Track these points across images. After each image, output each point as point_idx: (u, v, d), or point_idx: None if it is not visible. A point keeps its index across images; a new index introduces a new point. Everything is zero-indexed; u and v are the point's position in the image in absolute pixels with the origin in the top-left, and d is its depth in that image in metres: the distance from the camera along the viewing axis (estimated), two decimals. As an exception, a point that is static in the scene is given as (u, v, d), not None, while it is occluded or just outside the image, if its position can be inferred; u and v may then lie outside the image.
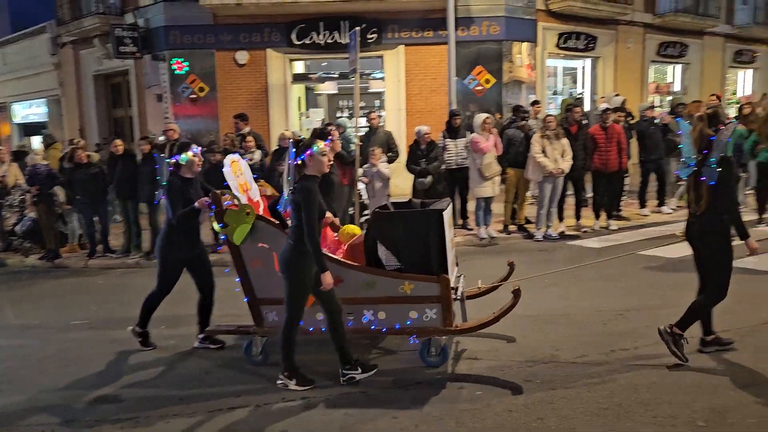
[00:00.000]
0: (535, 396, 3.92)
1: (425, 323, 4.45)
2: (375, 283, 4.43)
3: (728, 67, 19.76)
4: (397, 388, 4.18)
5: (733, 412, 3.55)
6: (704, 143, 4.28)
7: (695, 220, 4.39)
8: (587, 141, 9.00)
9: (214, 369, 4.70)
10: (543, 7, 14.43)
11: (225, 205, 4.56)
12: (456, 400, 3.95)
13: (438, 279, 4.37)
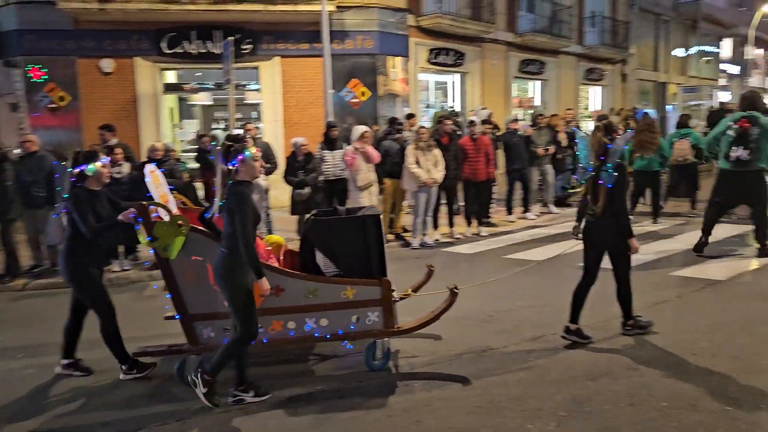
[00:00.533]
0: (416, 398, 4.07)
1: (367, 326, 4.49)
2: (317, 290, 4.42)
3: (581, 84, 21.57)
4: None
5: (591, 400, 3.90)
6: (601, 150, 4.77)
7: (595, 221, 4.86)
8: (458, 152, 9.47)
9: (149, 392, 4.41)
10: (414, 23, 15.00)
11: (153, 217, 4.27)
12: (334, 409, 4.00)
13: (380, 282, 4.46)
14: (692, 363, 4.39)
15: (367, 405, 4.02)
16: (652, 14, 25.39)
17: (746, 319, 5.26)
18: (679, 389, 3.97)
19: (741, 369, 4.23)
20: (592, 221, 4.89)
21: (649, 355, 4.56)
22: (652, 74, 25.97)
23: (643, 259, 7.46)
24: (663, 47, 26.42)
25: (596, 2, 21.88)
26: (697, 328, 5.12)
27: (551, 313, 5.69)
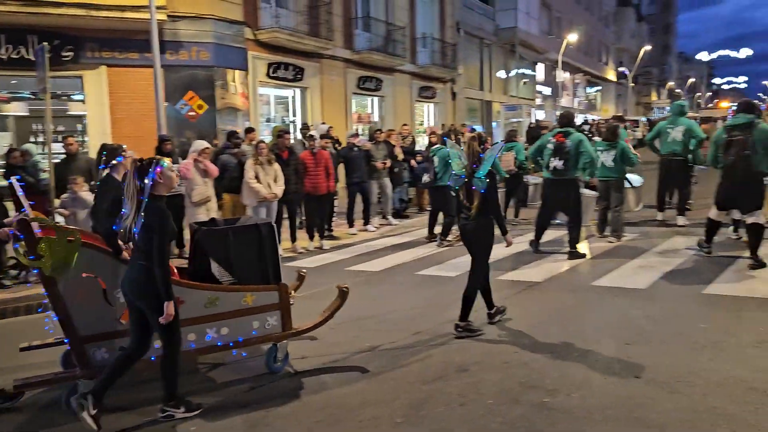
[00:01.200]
0: (255, 416, 4.00)
1: (267, 331, 4.63)
2: (217, 300, 4.42)
3: (416, 101, 22.68)
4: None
5: (426, 403, 4.09)
6: (475, 159, 5.35)
7: (468, 223, 5.45)
8: (298, 166, 9.50)
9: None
10: (252, 36, 14.83)
11: (37, 233, 3.89)
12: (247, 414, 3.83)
13: (278, 287, 4.64)
14: (515, 359, 4.78)
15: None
16: (476, 38, 27.46)
17: (561, 315, 5.84)
18: (504, 386, 4.30)
19: (556, 362, 4.68)
20: (467, 223, 5.47)
21: (478, 356, 4.89)
22: (479, 93, 28.03)
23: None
24: (487, 69, 28.64)
25: (426, 24, 23.20)
26: (519, 326, 5.59)
27: (391, 321, 5.91)
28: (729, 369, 4.33)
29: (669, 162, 10.06)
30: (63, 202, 8.05)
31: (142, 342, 4.02)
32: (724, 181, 7.44)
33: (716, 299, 6.05)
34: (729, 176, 7.32)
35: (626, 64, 54.81)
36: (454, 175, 5.57)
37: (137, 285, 3.88)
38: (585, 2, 44.09)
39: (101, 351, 4.19)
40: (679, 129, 9.92)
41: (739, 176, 7.16)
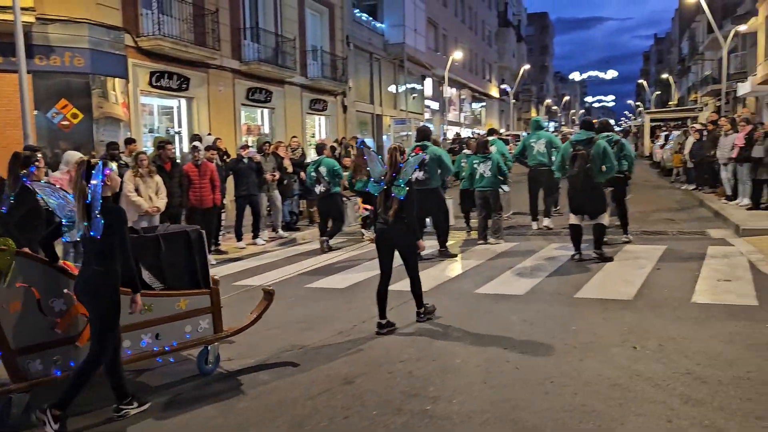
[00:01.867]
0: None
1: (200, 334, 4.79)
2: (152, 305, 4.49)
3: (306, 113, 22.60)
4: None
5: (310, 419, 4.03)
6: (395, 168, 5.78)
7: (387, 227, 5.83)
8: (182, 178, 9.15)
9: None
10: (132, 43, 14.15)
11: None
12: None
13: (210, 291, 4.86)
14: (400, 369, 4.83)
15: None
16: (366, 52, 27.87)
17: (445, 323, 5.99)
18: (388, 396, 4.33)
19: (439, 369, 4.78)
20: (385, 227, 5.84)
21: (364, 368, 4.90)
22: (369, 107, 28.44)
23: (359, 278, 8.07)
24: (377, 83, 29.14)
25: (316, 37, 23.26)
26: (405, 336, 5.67)
27: (277, 337, 5.80)
28: (595, 368, 4.62)
29: (537, 172, 11.17)
30: None
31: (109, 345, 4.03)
32: (571, 189, 8.41)
33: (586, 302, 6.46)
34: (574, 185, 8.29)
35: (508, 82, 57.87)
36: (373, 183, 5.97)
37: (86, 289, 3.97)
38: (469, 21, 46.09)
39: (35, 363, 4.08)
40: (541, 142, 11.16)
41: (582, 185, 8.14)
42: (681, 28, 63.76)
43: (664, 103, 70.89)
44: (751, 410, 3.82)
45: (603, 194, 8.44)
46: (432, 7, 35.87)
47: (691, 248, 8.99)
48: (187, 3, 15.58)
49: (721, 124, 13.17)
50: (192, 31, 15.63)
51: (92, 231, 3.86)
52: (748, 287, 6.70)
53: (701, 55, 46.41)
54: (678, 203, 14.61)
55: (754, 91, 32.10)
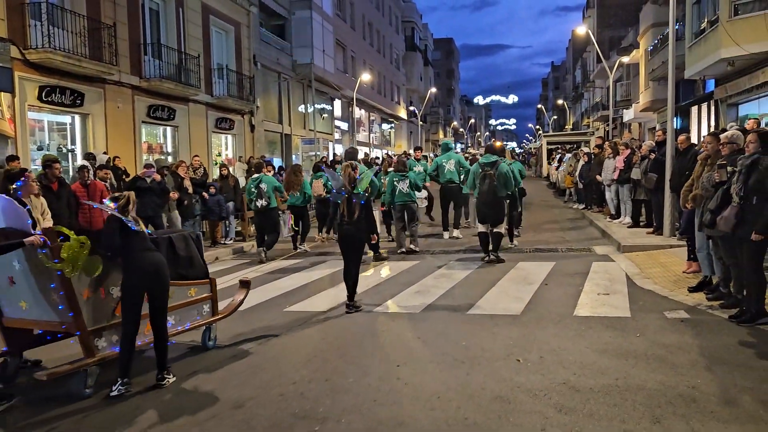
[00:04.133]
0: None
1: (204, 317, 5.97)
2: (174, 293, 5.43)
3: (212, 132, 22.14)
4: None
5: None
6: (352, 180, 7.28)
7: (349, 227, 7.23)
8: (70, 199, 8.72)
9: None
10: (19, 56, 13.39)
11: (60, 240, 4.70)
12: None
13: (210, 281, 6.09)
14: (291, 391, 4.81)
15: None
16: (274, 72, 27.74)
17: (340, 343, 6.04)
18: (277, 419, 4.30)
19: (330, 390, 4.81)
20: (348, 227, 7.23)
21: (254, 391, 4.84)
22: (278, 126, 28.25)
23: (266, 297, 7.98)
24: (285, 102, 29.03)
25: (222, 55, 22.93)
26: (300, 357, 5.66)
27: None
28: (480, 381, 4.80)
29: (447, 189, 12.74)
30: None
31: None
32: (480, 203, 9.99)
33: (478, 318, 6.71)
34: (482, 199, 9.89)
35: (416, 104, 59.33)
36: (335, 192, 7.40)
37: (163, 272, 5.10)
38: (377, 45, 46.96)
39: (102, 340, 5.00)
40: (451, 162, 12.82)
41: (489, 199, 9.77)
42: (574, 57, 68.00)
43: (561, 127, 75.14)
44: (616, 415, 4.11)
45: (503, 207, 10.06)
46: (340, 30, 36.31)
47: (577, 265, 9.55)
48: (80, 16, 14.94)
49: (605, 148, 14.14)
50: (87, 45, 14.98)
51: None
52: (623, 300, 7.20)
53: (592, 83, 49.70)
54: (569, 221, 15.48)
55: (637, 117, 34.71)
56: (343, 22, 37.60)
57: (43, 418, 4.51)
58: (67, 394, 4.89)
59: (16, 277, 5.03)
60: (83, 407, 4.68)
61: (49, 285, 4.82)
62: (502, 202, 9.92)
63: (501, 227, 10.07)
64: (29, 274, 4.95)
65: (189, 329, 5.79)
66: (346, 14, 38.34)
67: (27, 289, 5.02)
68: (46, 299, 4.95)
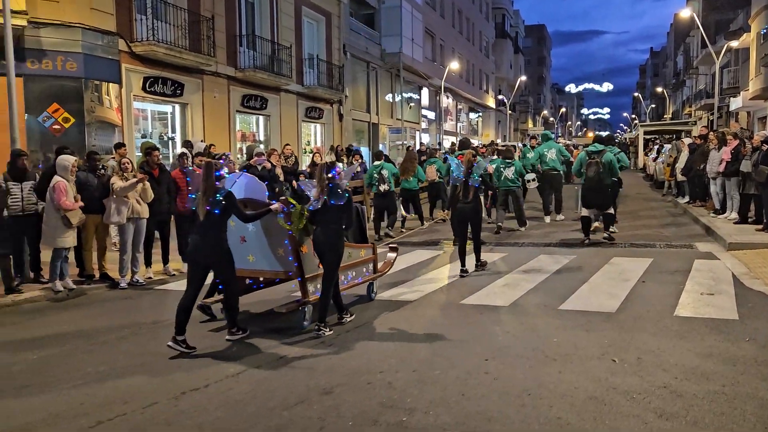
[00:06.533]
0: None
1: (368, 274, 7.32)
2: (351, 254, 6.85)
3: (302, 121, 22.61)
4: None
5: (285, 430, 4.01)
6: (469, 165, 8.46)
7: (464, 206, 8.51)
8: (170, 184, 9.14)
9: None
10: (126, 48, 14.17)
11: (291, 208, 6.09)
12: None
13: (372, 245, 7.52)
14: (379, 380, 4.81)
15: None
16: (363, 61, 27.96)
17: (428, 334, 5.98)
18: (364, 407, 4.32)
19: (417, 380, 4.77)
20: (463, 206, 8.50)
21: (343, 378, 4.88)
22: (366, 115, 28.48)
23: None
24: (373, 91, 29.20)
25: (313, 45, 23.33)
26: (388, 346, 5.66)
27: (254, 344, 5.78)
28: (573, 380, 4.61)
29: (550, 176, 13.61)
30: None
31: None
32: (586, 189, 10.58)
33: (570, 314, 6.47)
34: (589, 185, 10.48)
35: (505, 93, 58.08)
36: (455, 176, 8.60)
37: (333, 240, 6.16)
38: (467, 33, 46.28)
39: (312, 286, 6.31)
40: (552, 151, 13.72)
41: (595, 185, 10.37)
42: (676, 43, 64.22)
43: (660, 116, 71.26)
44: (724, 424, 3.82)
45: (609, 193, 10.57)
46: (429, 18, 36.03)
47: (677, 261, 9.01)
48: (182, 9, 15.62)
49: (710, 139, 13.23)
50: (187, 37, 15.66)
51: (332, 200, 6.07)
52: (729, 301, 6.72)
53: (695, 70, 46.73)
54: (668, 216, 14.66)
55: (746, 106, 32.31)
56: (433, 10, 37.26)
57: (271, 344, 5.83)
58: (288, 326, 6.29)
59: (247, 237, 6.41)
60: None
61: (283, 241, 6.20)
62: (607, 188, 10.46)
63: (610, 209, 10.78)
64: (261, 234, 6.35)
65: (360, 283, 7.06)
66: (435, 2, 37.97)
67: (256, 246, 6.43)
68: (273, 253, 6.38)
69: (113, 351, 5.80)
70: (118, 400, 4.54)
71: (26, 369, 5.37)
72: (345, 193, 6.17)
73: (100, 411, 4.36)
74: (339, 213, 6.15)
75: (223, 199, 5.64)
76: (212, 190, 5.62)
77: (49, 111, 12.70)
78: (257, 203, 6.31)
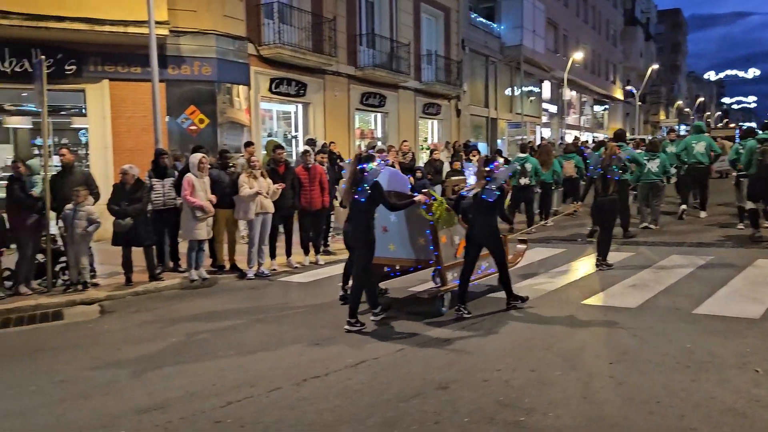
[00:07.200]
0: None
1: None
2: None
3: (419, 117, 22.70)
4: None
5: (401, 422, 4.04)
6: (609, 159, 8.33)
7: (603, 199, 8.45)
8: (294, 180, 9.52)
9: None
10: (255, 52, 14.95)
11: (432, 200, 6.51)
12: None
13: (504, 237, 7.03)
14: (496, 378, 4.72)
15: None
16: (481, 55, 27.56)
17: (548, 334, 5.79)
18: (480, 404, 4.25)
19: (536, 381, 4.63)
20: (603, 200, 8.39)
21: (459, 374, 4.84)
22: (484, 110, 28.07)
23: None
24: (492, 86, 28.71)
25: (431, 41, 23.32)
26: (504, 344, 5.54)
27: (372, 336, 5.88)
28: (709, 390, 4.26)
29: (696, 169, 12.66)
30: (64, 215, 8.10)
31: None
32: (754, 178, 9.83)
33: (705, 319, 5.98)
34: (759, 174, 9.64)
35: (634, 83, 54.79)
36: (592, 169, 8.55)
37: (492, 234, 6.54)
38: (592, 21, 44.22)
39: (449, 274, 6.60)
40: (701, 144, 12.67)
41: (766, 175, 9.48)
42: (837, 20, 57.32)
43: (815, 104, 64.03)
44: None
45: None
46: (552, 8, 34.79)
47: (836, 265, 8.06)
48: (305, 12, 16.22)
49: None
50: (310, 39, 16.26)
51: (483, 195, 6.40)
52: None
53: None
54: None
55: None
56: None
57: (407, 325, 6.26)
58: (426, 311, 6.58)
59: (389, 227, 6.77)
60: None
61: (424, 231, 6.50)
62: None
63: None
64: (403, 224, 6.71)
65: (493, 273, 7.10)
66: (558, -9, 36.63)
67: (397, 235, 6.78)
68: (412, 243, 6.71)
69: (241, 336, 6.15)
70: (245, 383, 4.80)
71: (166, 350, 5.83)
72: (497, 191, 6.41)
73: (230, 392, 4.63)
74: (491, 207, 6.47)
75: (369, 189, 6.03)
76: (358, 180, 6.06)
77: (187, 113, 13.68)
78: (400, 195, 6.67)
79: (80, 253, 8.15)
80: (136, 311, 7.45)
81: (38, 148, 12.86)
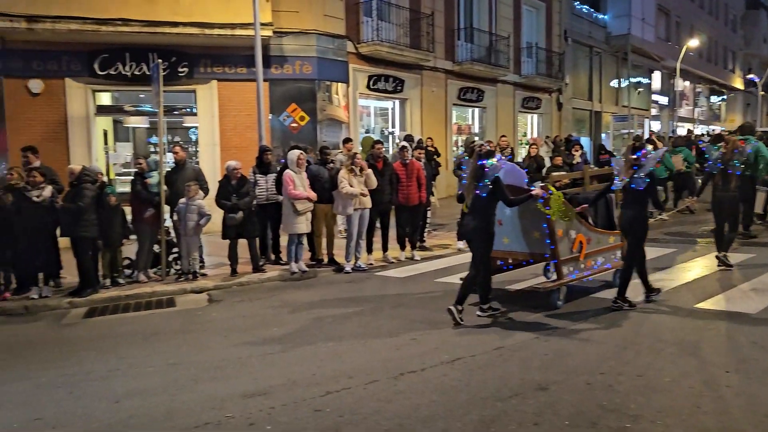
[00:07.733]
0: (326, 422, 4.06)
1: (618, 261, 7.11)
2: (600, 240, 6.96)
3: (518, 112, 22.19)
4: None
5: (498, 421, 3.96)
6: (729, 154, 7.99)
7: (723, 194, 8.04)
8: (392, 176, 9.58)
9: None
10: (353, 50, 15.19)
11: (549, 194, 6.35)
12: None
13: (619, 232, 7.00)
14: (599, 381, 4.52)
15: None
16: (585, 46, 26.52)
17: (657, 338, 5.47)
18: (583, 408, 4.09)
19: (644, 386, 4.39)
20: (721, 194, 8.03)
21: (560, 375, 4.68)
22: (587, 103, 27.01)
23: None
24: (597, 78, 27.55)
25: (532, 34, 22.72)
26: (609, 347, 5.29)
27: (473, 334, 5.81)
28: None
29: None
30: (178, 208, 8.63)
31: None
32: None
33: (839, 328, 5.43)
34: None
35: (756, 71, 50.62)
36: (711, 164, 8.18)
37: (634, 221, 6.38)
38: (708, 6, 41.34)
39: (566, 268, 6.53)
40: None
41: None
42: None
43: None
44: None
45: None
46: (663, -7, 32.89)
47: None
48: (404, 8, 16.28)
49: None
50: (408, 35, 16.30)
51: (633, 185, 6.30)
52: None
53: None
54: None
55: None
56: (667, -16, 33.96)
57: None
58: (542, 305, 6.58)
59: (504, 220, 6.73)
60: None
61: (540, 225, 6.47)
62: None
63: None
64: (517, 218, 6.72)
65: (609, 269, 7.06)
66: (670, -24, 34.54)
67: (511, 229, 6.79)
68: (525, 236, 6.74)
69: (339, 328, 6.27)
70: (343, 374, 4.89)
71: (268, 338, 6.04)
72: (646, 178, 6.28)
73: (329, 382, 4.73)
74: (641, 195, 6.33)
75: (490, 184, 6.05)
76: (479, 176, 6.11)
77: (288, 111, 14.12)
78: (518, 189, 6.61)
79: (191, 245, 8.65)
80: (240, 301, 7.80)
81: (154, 146, 13.79)
